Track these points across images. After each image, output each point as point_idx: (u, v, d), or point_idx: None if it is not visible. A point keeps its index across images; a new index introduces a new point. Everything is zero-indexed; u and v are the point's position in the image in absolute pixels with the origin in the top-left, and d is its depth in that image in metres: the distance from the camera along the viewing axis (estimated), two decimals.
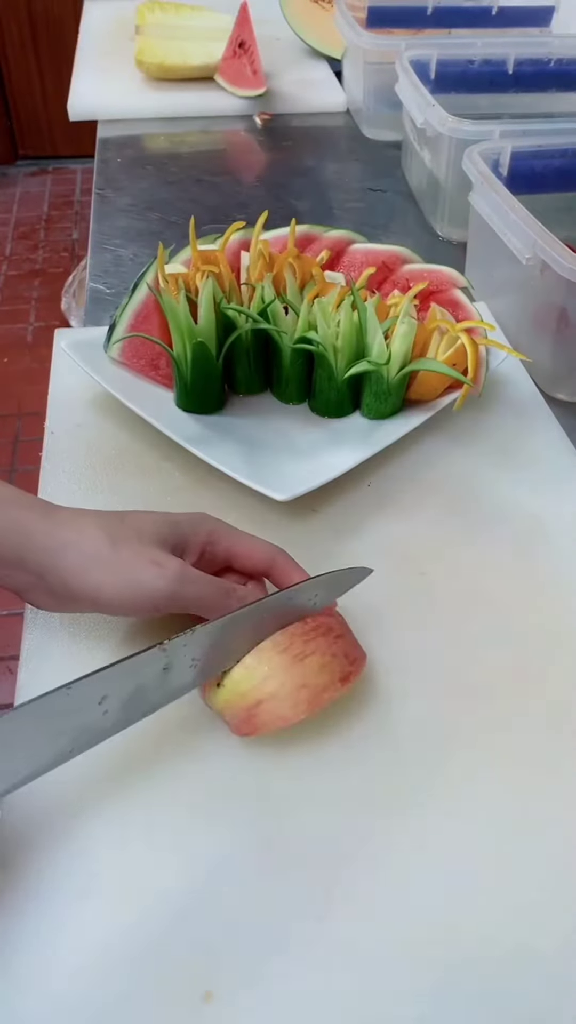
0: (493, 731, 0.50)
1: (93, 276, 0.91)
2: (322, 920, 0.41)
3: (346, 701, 0.50)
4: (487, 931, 0.41)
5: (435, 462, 0.67)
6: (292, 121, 1.25)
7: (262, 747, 0.47)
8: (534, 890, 0.43)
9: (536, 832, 0.45)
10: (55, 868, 0.43)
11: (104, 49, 1.38)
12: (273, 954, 0.40)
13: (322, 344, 0.64)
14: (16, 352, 2.26)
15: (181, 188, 1.07)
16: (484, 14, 1.24)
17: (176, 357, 0.65)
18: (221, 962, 0.40)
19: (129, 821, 0.45)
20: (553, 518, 0.63)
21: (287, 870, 0.43)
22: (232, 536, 0.50)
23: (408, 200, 1.07)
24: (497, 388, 0.73)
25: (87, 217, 1.24)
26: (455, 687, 0.52)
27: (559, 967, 0.40)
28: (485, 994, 0.39)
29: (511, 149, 0.83)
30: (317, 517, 0.62)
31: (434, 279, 0.75)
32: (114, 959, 0.40)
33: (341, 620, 0.49)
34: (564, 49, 1.10)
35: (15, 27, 2.81)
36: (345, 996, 0.39)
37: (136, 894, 0.42)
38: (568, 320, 0.72)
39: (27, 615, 0.54)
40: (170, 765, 0.47)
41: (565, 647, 0.54)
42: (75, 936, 0.40)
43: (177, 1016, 0.38)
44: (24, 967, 0.39)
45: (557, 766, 0.48)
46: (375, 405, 0.66)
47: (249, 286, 0.68)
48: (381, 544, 0.60)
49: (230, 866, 0.43)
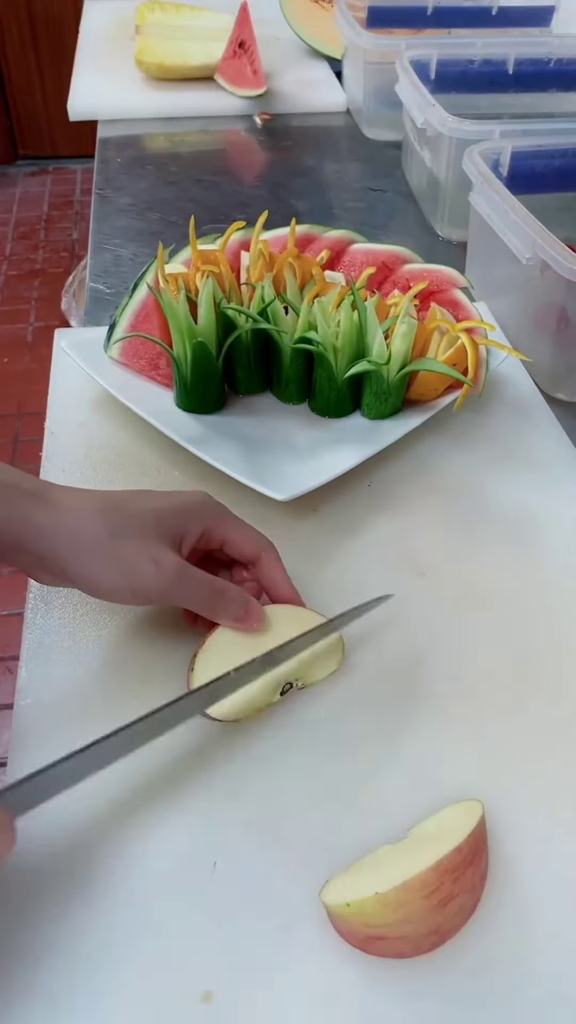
0: (494, 731, 0.50)
1: (93, 276, 0.91)
2: (320, 914, 0.41)
3: (346, 702, 0.50)
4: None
5: (435, 462, 0.67)
6: (292, 121, 1.25)
7: (252, 742, 0.48)
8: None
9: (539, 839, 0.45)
10: (55, 868, 0.43)
11: (104, 49, 1.38)
12: (273, 954, 0.40)
13: (322, 344, 0.64)
14: (16, 352, 2.26)
15: (181, 188, 1.07)
16: (484, 14, 1.24)
17: (176, 357, 0.65)
18: (221, 962, 0.40)
19: (128, 820, 0.45)
20: (553, 518, 0.63)
21: (287, 871, 0.43)
22: (228, 524, 0.51)
23: (408, 200, 1.07)
24: (497, 388, 0.73)
25: (87, 217, 1.24)
26: (455, 687, 0.52)
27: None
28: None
29: (511, 149, 0.83)
30: (317, 517, 0.62)
31: (434, 279, 0.75)
32: (114, 959, 0.40)
33: (484, 828, 0.44)
34: (564, 49, 1.10)
35: (15, 27, 2.80)
36: (346, 994, 0.39)
37: (136, 894, 0.42)
38: (568, 320, 0.72)
39: (27, 615, 0.54)
40: (169, 764, 0.47)
41: (565, 646, 0.54)
42: (75, 936, 0.40)
43: (177, 1016, 0.38)
44: (24, 968, 0.39)
45: (557, 765, 0.48)
46: (375, 405, 0.66)
47: (249, 286, 0.68)
48: (381, 544, 0.60)
49: (230, 866, 0.43)
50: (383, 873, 0.40)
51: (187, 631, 0.52)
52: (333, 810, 0.45)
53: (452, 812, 0.44)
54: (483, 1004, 0.39)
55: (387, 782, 0.47)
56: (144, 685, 0.50)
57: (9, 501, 0.45)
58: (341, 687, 0.51)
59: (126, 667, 0.51)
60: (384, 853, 0.42)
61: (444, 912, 0.39)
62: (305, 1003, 0.39)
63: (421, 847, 0.41)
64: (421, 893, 0.39)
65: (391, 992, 0.39)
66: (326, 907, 0.41)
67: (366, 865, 0.42)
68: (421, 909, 0.39)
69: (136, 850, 0.44)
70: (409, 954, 0.40)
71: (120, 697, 0.50)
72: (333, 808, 0.46)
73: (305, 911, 0.42)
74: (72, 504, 0.46)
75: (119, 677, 0.51)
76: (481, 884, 0.42)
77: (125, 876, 0.43)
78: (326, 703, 0.50)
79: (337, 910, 0.40)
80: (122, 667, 0.51)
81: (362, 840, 0.44)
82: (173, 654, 0.52)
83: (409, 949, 0.40)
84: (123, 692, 0.50)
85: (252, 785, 0.46)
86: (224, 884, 0.43)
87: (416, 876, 0.39)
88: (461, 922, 0.41)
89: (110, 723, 0.42)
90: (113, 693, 0.50)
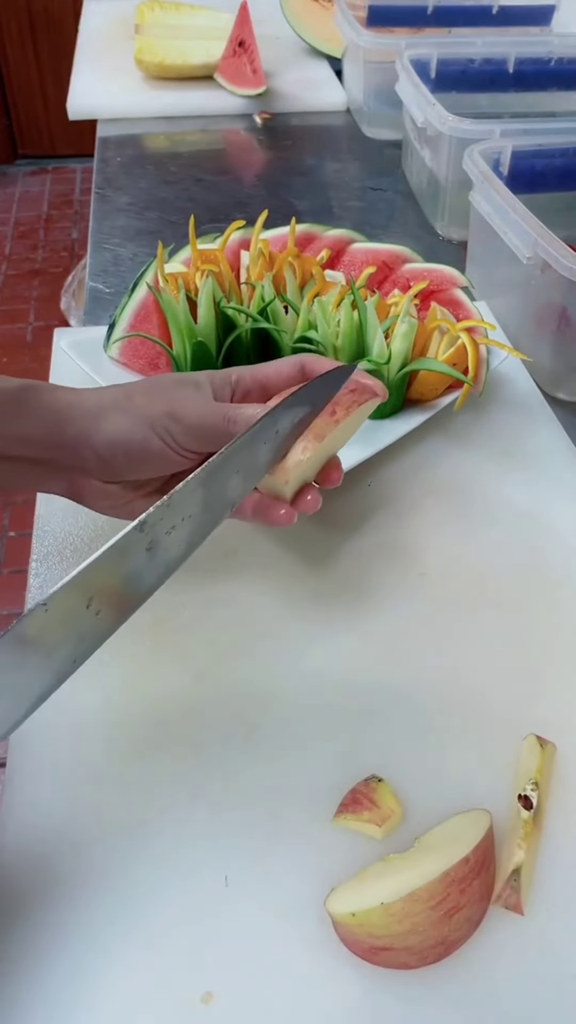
0: (494, 732, 0.49)
1: (93, 275, 0.90)
2: (322, 922, 0.41)
3: (346, 702, 0.50)
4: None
5: (435, 462, 0.67)
6: (292, 120, 1.25)
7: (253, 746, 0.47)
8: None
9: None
10: (55, 868, 0.42)
11: (104, 48, 1.38)
12: (274, 957, 0.40)
13: (322, 343, 0.64)
14: (16, 352, 2.26)
15: (181, 187, 1.07)
16: (484, 13, 1.24)
17: (176, 356, 0.64)
18: (221, 962, 0.40)
19: (127, 823, 0.44)
20: (553, 517, 0.62)
21: (289, 870, 0.43)
22: (255, 370, 0.50)
23: (408, 199, 1.07)
24: (497, 388, 0.73)
25: (87, 217, 1.23)
26: (456, 688, 0.51)
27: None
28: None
29: (511, 148, 0.83)
30: (317, 517, 0.61)
31: (434, 278, 0.75)
32: (114, 959, 0.40)
33: (491, 838, 0.43)
34: (564, 48, 1.10)
35: (15, 27, 2.80)
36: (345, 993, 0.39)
37: (137, 894, 0.42)
38: (569, 319, 0.71)
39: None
40: (167, 762, 0.47)
41: (566, 646, 0.54)
42: (75, 937, 0.40)
43: (177, 1016, 0.38)
44: (24, 968, 0.39)
45: (558, 765, 0.48)
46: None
47: (249, 285, 0.68)
48: (381, 544, 0.60)
49: (231, 865, 0.43)
50: (389, 883, 0.39)
51: (188, 649, 0.52)
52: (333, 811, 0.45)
53: (459, 821, 0.43)
54: (488, 1015, 0.39)
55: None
56: (146, 687, 0.50)
57: (43, 400, 0.46)
58: (342, 687, 0.51)
59: (126, 668, 0.51)
60: (390, 862, 0.42)
61: (451, 923, 0.39)
62: (306, 1008, 0.39)
63: (428, 856, 0.41)
64: (428, 904, 0.38)
65: (394, 1000, 0.39)
66: (331, 916, 0.40)
67: (372, 874, 0.42)
68: (427, 920, 0.38)
69: (137, 850, 0.43)
70: (415, 965, 0.40)
71: (120, 697, 0.50)
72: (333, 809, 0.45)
73: (309, 915, 0.42)
74: (88, 390, 0.48)
75: (119, 677, 0.51)
76: (488, 894, 0.41)
77: (125, 876, 0.42)
78: (323, 699, 0.50)
79: (342, 920, 0.40)
80: (122, 667, 0.51)
81: (362, 855, 0.44)
82: (174, 653, 0.52)
83: (415, 960, 0.39)
84: (123, 692, 0.50)
85: (254, 786, 0.46)
86: (229, 888, 0.42)
87: (423, 887, 0.38)
88: (468, 933, 0.40)
89: (110, 723, 0.41)
90: (113, 694, 0.50)
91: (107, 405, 0.46)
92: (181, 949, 0.40)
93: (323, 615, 0.55)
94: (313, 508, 0.47)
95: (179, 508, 0.40)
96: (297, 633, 0.54)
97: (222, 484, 0.42)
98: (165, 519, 0.40)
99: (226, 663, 0.52)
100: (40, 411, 0.46)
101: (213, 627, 0.54)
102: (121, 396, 0.47)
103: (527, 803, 0.44)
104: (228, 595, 0.56)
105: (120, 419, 0.46)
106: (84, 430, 0.46)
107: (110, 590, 0.39)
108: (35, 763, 0.47)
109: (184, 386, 0.47)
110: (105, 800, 0.45)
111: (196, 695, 0.50)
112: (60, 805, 0.45)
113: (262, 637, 0.54)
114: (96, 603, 0.38)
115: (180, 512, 0.41)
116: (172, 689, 0.50)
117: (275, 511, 0.47)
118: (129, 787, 0.46)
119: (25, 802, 0.45)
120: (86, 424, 0.46)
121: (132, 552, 0.39)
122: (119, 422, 0.46)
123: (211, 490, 0.42)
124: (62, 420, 0.46)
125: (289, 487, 0.46)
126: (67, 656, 0.38)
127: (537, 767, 0.46)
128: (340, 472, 0.49)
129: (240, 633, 0.54)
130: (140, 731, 0.48)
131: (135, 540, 0.39)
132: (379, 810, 0.44)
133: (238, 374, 0.49)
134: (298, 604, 0.56)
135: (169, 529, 0.40)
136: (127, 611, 0.40)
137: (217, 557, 0.58)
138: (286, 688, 0.51)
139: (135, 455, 0.46)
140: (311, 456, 0.45)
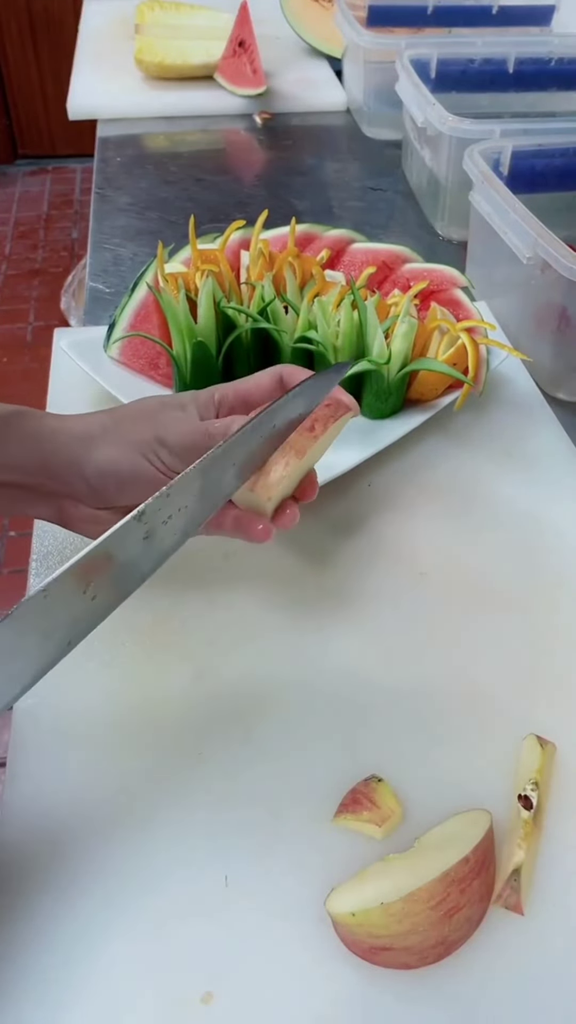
0: (494, 732, 0.49)
1: (93, 275, 0.90)
2: (322, 922, 0.41)
3: (346, 702, 0.50)
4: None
5: (435, 462, 0.67)
6: (292, 120, 1.25)
7: (252, 749, 0.47)
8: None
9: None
10: (56, 867, 0.42)
11: (104, 48, 1.38)
12: (274, 954, 0.40)
13: (322, 343, 0.64)
14: (16, 352, 2.26)
15: (181, 187, 1.07)
16: (484, 13, 1.24)
17: (176, 356, 0.64)
18: (221, 962, 0.40)
19: (126, 823, 0.44)
20: (553, 517, 0.62)
21: (289, 870, 0.43)
22: (236, 386, 0.50)
23: (408, 199, 1.07)
24: (497, 388, 0.73)
25: (87, 216, 1.23)
26: (456, 688, 0.51)
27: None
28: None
29: (512, 148, 0.83)
30: (317, 517, 0.61)
31: (434, 278, 0.75)
32: (114, 959, 0.40)
33: (491, 838, 0.43)
34: (564, 48, 1.10)
35: (15, 27, 2.80)
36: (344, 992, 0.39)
37: (135, 893, 0.42)
38: (569, 319, 0.71)
39: None
40: (167, 762, 0.47)
41: (566, 646, 0.54)
42: (75, 937, 0.40)
43: (177, 1016, 0.38)
44: (24, 968, 0.39)
45: (558, 765, 0.48)
46: (375, 405, 0.66)
47: (249, 285, 0.68)
48: (381, 544, 0.60)
49: (231, 865, 0.43)
50: (389, 883, 0.39)
51: (188, 649, 0.52)
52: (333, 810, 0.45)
53: (459, 821, 0.43)
54: (488, 1016, 0.39)
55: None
56: (146, 687, 0.50)
57: (30, 427, 0.47)
58: (343, 687, 0.51)
59: (126, 668, 0.51)
60: (390, 862, 0.42)
61: (451, 923, 0.39)
62: (305, 1008, 0.39)
63: (428, 856, 0.41)
64: (428, 904, 0.38)
65: (394, 1000, 0.39)
66: (331, 916, 0.40)
67: (372, 874, 0.41)
68: (427, 920, 0.38)
69: (137, 850, 0.43)
70: (414, 965, 0.40)
71: (120, 697, 0.50)
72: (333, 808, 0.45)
73: (309, 915, 0.42)
74: (75, 417, 0.48)
75: (119, 678, 0.51)
76: (488, 894, 0.41)
77: (125, 876, 0.42)
78: (323, 699, 0.50)
79: (342, 920, 0.40)
80: (122, 667, 0.51)
81: (362, 855, 0.44)
82: (174, 653, 0.52)
83: (415, 960, 0.39)
84: (123, 692, 0.50)
85: (254, 786, 0.46)
86: (229, 887, 0.42)
87: (423, 887, 0.38)
88: (468, 933, 0.40)
89: (109, 724, 0.41)
90: (113, 694, 0.50)
91: (95, 432, 0.46)
92: (181, 949, 0.40)
93: (323, 615, 0.55)
94: (292, 523, 0.48)
95: (177, 499, 0.41)
96: (297, 633, 0.54)
97: (219, 476, 0.43)
98: (163, 509, 0.41)
99: (226, 663, 0.52)
100: (25, 438, 0.46)
101: (213, 627, 0.54)
102: (109, 422, 0.47)
103: (527, 803, 0.44)
104: (228, 596, 0.56)
105: (109, 447, 0.46)
106: (74, 458, 0.46)
107: (107, 577, 0.40)
108: (35, 763, 0.47)
109: (170, 408, 0.48)
110: (105, 800, 0.45)
111: (196, 695, 0.50)
112: (60, 805, 0.45)
113: (262, 637, 0.54)
114: (93, 589, 0.39)
115: (177, 503, 0.42)
116: (172, 689, 0.50)
117: (254, 526, 0.47)
118: (129, 787, 0.46)
119: (25, 802, 0.45)
120: (75, 452, 0.46)
121: (130, 540, 0.40)
122: (108, 450, 0.46)
123: (208, 481, 0.43)
124: (49, 447, 0.46)
125: (271, 503, 0.46)
126: (62, 638, 0.39)
127: (537, 767, 0.46)
128: (316, 487, 0.50)
129: (240, 633, 0.54)
130: (140, 731, 0.48)
131: (133, 529, 0.40)
132: (379, 810, 0.44)
133: (221, 392, 0.49)
134: (298, 604, 0.56)
135: (166, 519, 0.41)
136: (121, 596, 0.41)
137: (217, 558, 0.58)
138: (286, 688, 0.51)
139: (126, 481, 0.46)
140: (292, 471, 0.46)
